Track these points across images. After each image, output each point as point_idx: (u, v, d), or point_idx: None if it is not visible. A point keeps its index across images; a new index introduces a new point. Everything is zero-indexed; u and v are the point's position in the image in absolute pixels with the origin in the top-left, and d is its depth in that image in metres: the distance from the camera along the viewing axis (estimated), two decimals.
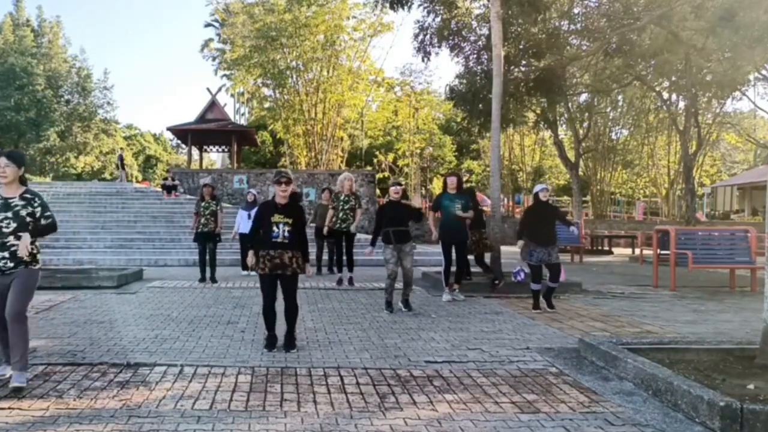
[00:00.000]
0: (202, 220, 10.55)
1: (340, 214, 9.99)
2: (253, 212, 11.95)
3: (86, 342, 5.68)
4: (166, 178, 23.98)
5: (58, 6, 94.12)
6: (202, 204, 10.63)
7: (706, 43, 15.65)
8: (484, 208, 11.85)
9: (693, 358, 4.79)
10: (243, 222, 11.58)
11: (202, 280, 10.60)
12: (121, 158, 22.14)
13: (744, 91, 22.80)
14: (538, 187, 8.16)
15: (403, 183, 8.54)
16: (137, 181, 39.52)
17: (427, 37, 16.26)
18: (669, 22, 15.68)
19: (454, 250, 8.51)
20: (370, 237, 8.28)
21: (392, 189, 7.89)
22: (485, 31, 15.97)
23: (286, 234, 5.40)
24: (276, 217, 5.43)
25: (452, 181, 8.68)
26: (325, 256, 12.47)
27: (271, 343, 5.52)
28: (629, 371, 4.55)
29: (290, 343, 5.51)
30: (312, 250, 11.33)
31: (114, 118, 43.28)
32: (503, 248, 11.04)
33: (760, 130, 38.39)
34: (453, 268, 8.65)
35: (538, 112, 21.78)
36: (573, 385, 4.52)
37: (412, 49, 48.17)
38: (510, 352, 5.50)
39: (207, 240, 10.64)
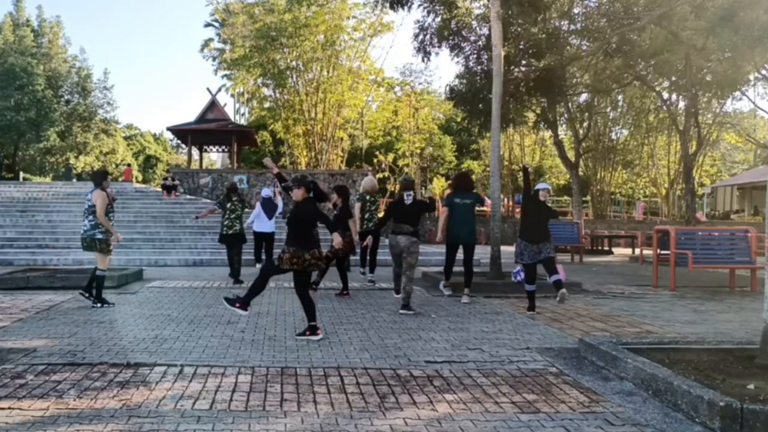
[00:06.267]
0: (227, 222, 10.56)
1: (367, 215, 9.98)
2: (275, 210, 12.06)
3: (86, 342, 5.68)
4: (166, 178, 23.98)
5: (58, 6, 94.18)
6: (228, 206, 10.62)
7: (706, 43, 15.65)
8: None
9: (693, 358, 4.78)
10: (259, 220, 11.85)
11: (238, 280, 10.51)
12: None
13: (744, 91, 22.81)
14: (540, 186, 8.07)
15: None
16: (137, 181, 39.55)
17: (427, 37, 16.28)
18: (669, 22, 15.70)
19: (461, 252, 8.56)
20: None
21: (406, 193, 7.89)
22: (485, 31, 15.99)
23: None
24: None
25: (466, 181, 9.02)
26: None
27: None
28: (629, 371, 4.55)
29: (302, 332, 5.96)
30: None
31: (114, 118, 43.25)
32: (503, 248, 11.04)
33: (760, 130, 38.34)
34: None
35: (538, 112, 21.78)
36: (573, 385, 4.52)
37: (412, 49, 48.28)
38: (510, 352, 5.50)
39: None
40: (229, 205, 10.49)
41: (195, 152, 33.65)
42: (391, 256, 7.92)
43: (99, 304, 7.66)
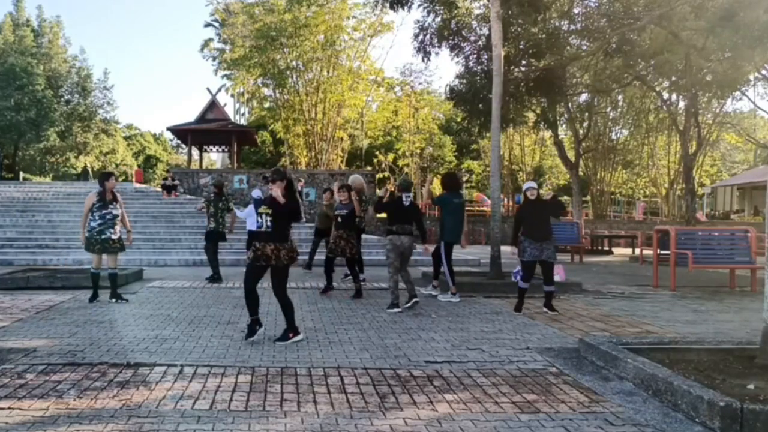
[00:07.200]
0: (221, 221, 10.76)
1: (363, 214, 9.98)
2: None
3: (86, 342, 5.68)
4: (166, 178, 23.99)
5: (58, 6, 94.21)
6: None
7: (706, 43, 15.65)
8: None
9: (693, 358, 4.78)
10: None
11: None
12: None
13: (744, 91, 22.80)
14: (526, 185, 7.98)
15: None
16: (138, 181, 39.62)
17: (427, 37, 16.27)
18: (669, 22, 15.69)
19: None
20: (376, 237, 8.33)
21: (405, 194, 8.01)
22: (485, 31, 15.98)
23: (269, 223, 5.61)
24: (262, 209, 5.71)
25: (458, 181, 9.06)
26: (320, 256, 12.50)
27: (251, 330, 5.77)
28: (629, 371, 4.55)
29: (282, 335, 5.77)
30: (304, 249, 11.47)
31: (114, 118, 43.28)
32: (502, 248, 11.03)
33: (760, 130, 38.35)
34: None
35: (538, 112, 21.77)
36: (573, 385, 4.52)
37: (412, 49, 48.27)
38: (510, 352, 5.50)
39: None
40: (220, 204, 10.67)
41: (195, 152, 33.66)
42: (391, 257, 7.80)
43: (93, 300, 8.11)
